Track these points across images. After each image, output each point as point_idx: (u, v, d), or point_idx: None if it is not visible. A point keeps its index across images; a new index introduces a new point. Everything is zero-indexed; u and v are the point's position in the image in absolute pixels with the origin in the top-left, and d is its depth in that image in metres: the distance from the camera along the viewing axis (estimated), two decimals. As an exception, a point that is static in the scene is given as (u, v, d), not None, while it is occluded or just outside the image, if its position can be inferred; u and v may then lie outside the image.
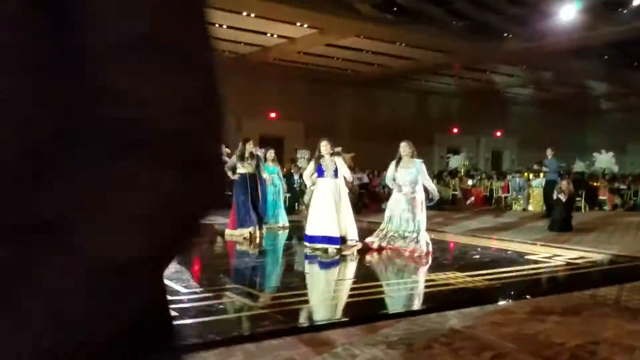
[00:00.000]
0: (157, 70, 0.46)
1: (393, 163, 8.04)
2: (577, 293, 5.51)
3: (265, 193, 10.11)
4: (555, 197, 11.54)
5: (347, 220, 7.85)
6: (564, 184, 11.57)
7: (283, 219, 10.95)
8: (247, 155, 9.10)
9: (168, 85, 0.46)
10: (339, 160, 7.95)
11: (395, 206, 8.00)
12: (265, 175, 9.83)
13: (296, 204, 14.33)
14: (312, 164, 8.25)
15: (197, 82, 0.49)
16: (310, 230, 7.89)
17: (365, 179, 16.86)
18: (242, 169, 9.11)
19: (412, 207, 7.79)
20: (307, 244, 7.93)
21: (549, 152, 13.60)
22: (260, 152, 10.23)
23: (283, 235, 10.20)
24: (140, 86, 0.45)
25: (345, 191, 7.97)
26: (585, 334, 4.13)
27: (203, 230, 0.54)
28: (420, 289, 6.02)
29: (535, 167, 16.45)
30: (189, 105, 0.48)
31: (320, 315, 4.91)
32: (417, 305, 5.30)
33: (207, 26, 0.51)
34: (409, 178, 7.83)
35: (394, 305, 5.36)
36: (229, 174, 8.89)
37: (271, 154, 10.88)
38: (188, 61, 0.48)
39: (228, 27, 14.90)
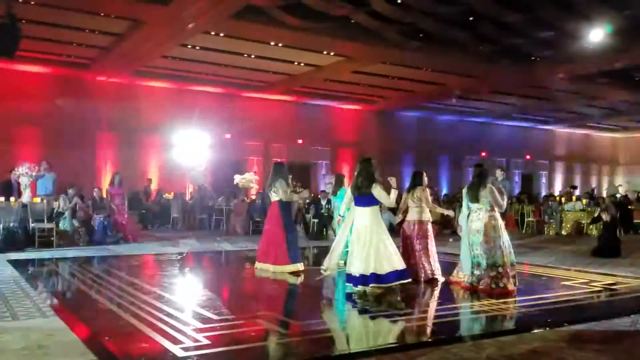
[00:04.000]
0: None
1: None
2: (616, 320, 5.37)
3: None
4: (596, 214, 11.15)
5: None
6: (608, 202, 11.14)
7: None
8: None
9: None
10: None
11: None
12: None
13: (324, 229, 14.41)
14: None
15: None
16: None
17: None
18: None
19: None
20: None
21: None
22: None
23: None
24: None
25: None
26: (628, 363, 4.01)
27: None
28: (455, 316, 5.89)
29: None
30: None
31: (353, 343, 4.85)
32: (451, 333, 5.19)
33: None
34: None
35: (428, 333, 5.28)
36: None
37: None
38: None
39: (256, 56, 15.13)
